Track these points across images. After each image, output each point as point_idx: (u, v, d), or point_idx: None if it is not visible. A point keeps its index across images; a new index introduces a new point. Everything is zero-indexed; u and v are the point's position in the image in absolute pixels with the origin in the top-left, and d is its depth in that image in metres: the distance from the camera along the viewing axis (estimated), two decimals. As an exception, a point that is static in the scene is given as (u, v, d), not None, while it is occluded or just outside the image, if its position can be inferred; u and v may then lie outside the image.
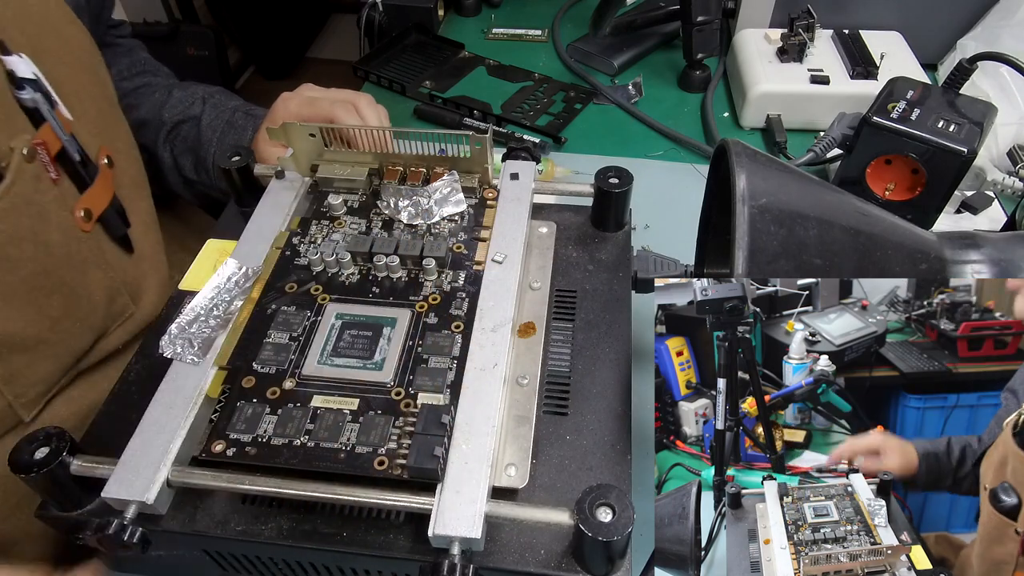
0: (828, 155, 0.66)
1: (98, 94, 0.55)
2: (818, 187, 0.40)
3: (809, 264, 0.35)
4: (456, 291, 0.43)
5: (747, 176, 0.36)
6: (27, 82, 0.45)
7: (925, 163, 0.57)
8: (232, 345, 0.41)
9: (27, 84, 0.45)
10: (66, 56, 0.51)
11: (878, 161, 0.60)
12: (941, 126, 0.56)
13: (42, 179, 0.45)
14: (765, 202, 0.36)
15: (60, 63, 0.50)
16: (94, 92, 0.55)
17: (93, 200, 0.50)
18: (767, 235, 0.35)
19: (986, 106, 0.58)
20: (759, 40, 0.83)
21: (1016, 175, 0.66)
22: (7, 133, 0.43)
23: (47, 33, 0.50)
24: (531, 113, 0.83)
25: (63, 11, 0.53)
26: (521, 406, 0.40)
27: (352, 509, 0.37)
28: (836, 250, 0.36)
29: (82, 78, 0.53)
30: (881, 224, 0.39)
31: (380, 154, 0.50)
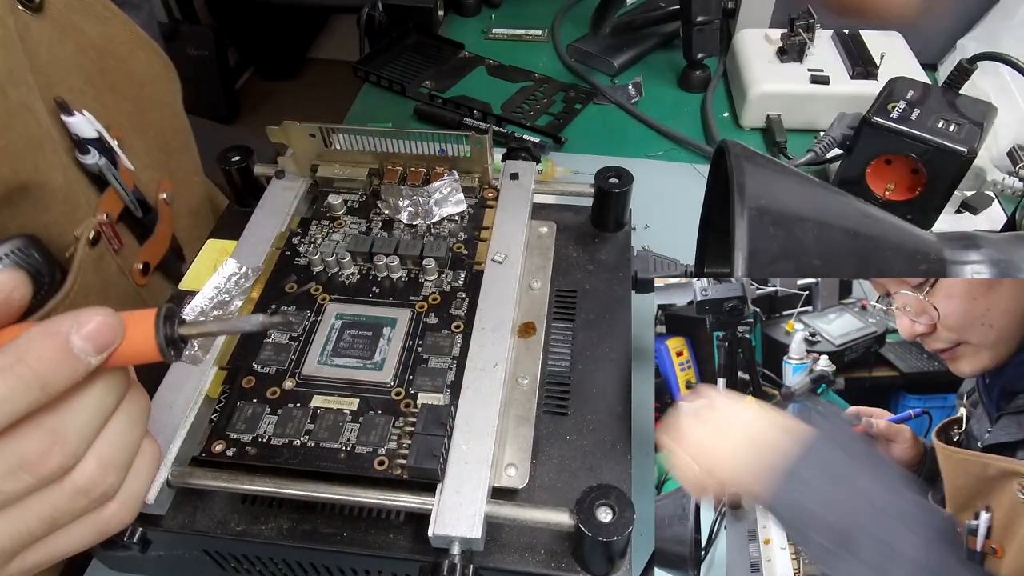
0: (828, 155, 0.66)
1: (163, 123, 0.52)
2: (818, 188, 0.40)
3: (809, 265, 0.36)
4: (456, 291, 0.43)
5: (746, 177, 0.36)
6: (91, 143, 0.41)
7: (925, 163, 0.57)
8: (232, 345, 0.41)
9: (91, 146, 0.41)
10: (131, 90, 0.48)
11: (878, 161, 0.60)
12: (941, 126, 0.56)
13: (104, 257, 0.43)
14: (764, 203, 0.36)
15: (122, 99, 0.47)
16: (159, 123, 0.52)
17: (152, 252, 0.48)
18: (766, 236, 0.35)
19: (986, 106, 0.58)
20: (759, 40, 0.83)
21: (1016, 175, 0.66)
22: (72, 219, 0.40)
23: (109, 69, 0.46)
24: (531, 113, 0.83)
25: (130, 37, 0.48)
26: (521, 406, 0.40)
27: (352, 509, 0.37)
28: (836, 251, 0.36)
29: (148, 111, 0.50)
30: (881, 225, 0.39)
31: (380, 154, 0.50)
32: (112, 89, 0.46)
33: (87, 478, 0.24)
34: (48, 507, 0.24)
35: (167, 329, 0.25)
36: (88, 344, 0.24)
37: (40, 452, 0.23)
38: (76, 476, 0.24)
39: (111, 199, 0.44)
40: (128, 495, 0.27)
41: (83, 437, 0.24)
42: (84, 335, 0.24)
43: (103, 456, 0.25)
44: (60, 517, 0.24)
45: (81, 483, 0.24)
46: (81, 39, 0.44)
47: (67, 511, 0.24)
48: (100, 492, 0.25)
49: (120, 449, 0.25)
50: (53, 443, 0.23)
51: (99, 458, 0.25)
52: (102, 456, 0.25)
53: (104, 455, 0.25)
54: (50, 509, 0.24)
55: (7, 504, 0.23)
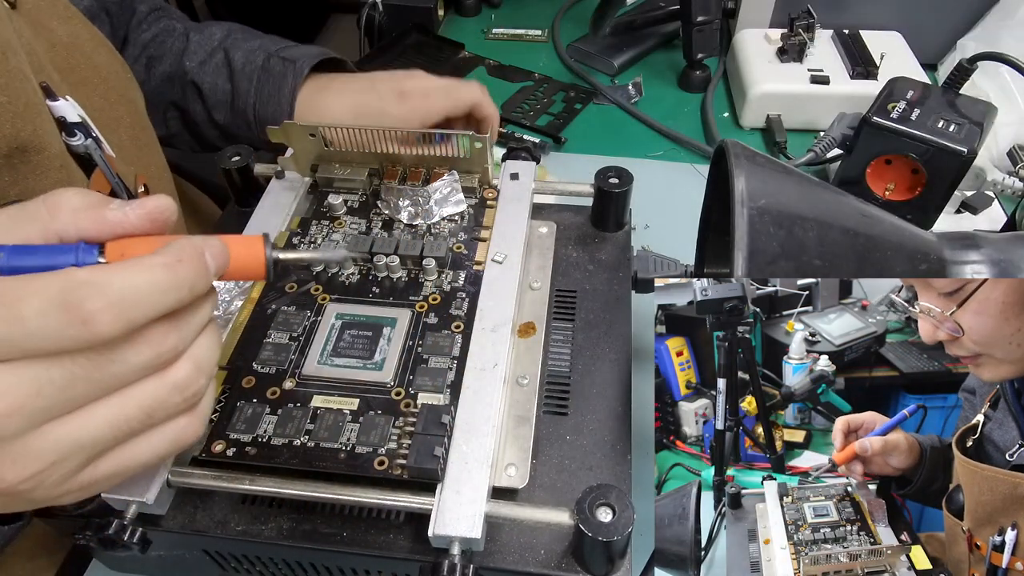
0: (828, 155, 0.66)
1: (132, 119, 0.54)
2: (818, 188, 0.40)
3: (809, 265, 0.36)
4: (456, 291, 0.43)
5: (746, 177, 0.36)
6: (76, 127, 0.43)
7: (925, 163, 0.57)
8: (232, 345, 0.41)
9: (77, 129, 0.43)
10: (100, 85, 0.50)
11: (878, 161, 0.60)
12: (941, 126, 0.56)
13: None
14: (764, 203, 0.36)
15: (95, 95, 0.49)
16: (128, 118, 0.54)
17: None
18: (766, 236, 0.35)
19: (986, 106, 0.58)
20: (759, 40, 0.83)
21: (1016, 175, 0.66)
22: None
23: (79, 65, 0.48)
24: (531, 113, 0.83)
25: (91, 35, 0.51)
26: (521, 406, 0.40)
27: (352, 509, 0.37)
28: (836, 251, 0.36)
29: (116, 106, 0.52)
30: (881, 225, 0.39)
31: (380, 154, 0.50)
32: (83, 84, 0.48)
33: (185, 374, 0.27)
34: (149, 396, 0.26)
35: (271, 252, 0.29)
36: (213, 263, 0.26)
37: (162, 332, 0.25)
38: (176, 370, 0.26)
39: (99, 180, 0.45)
40: (203, 409, 0.29)
41: (191, 331, 0.27)
42: (212, 254, 0.26)
43: (197, 358, 0.27)
44: (157, 410, 0.26)
45: (180, 378, 0.26)
46: (51, 36, 0.46)
47: (164, 404, 0.26)
48: (192, 392, 0.27)
49: (209, 357, 0.28)
50: (172, 328, 0.25)
51: (194, 359, 0.27)
52: (197, 358, 0.27)
53: (198, 358, 0.27)
54: (150, 399, 0.26)
55: (123, 381, 0.25)
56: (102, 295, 0.23)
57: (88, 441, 0.25)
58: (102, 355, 0.24)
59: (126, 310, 0.23)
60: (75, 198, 0.26)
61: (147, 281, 0.24)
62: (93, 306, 0.23)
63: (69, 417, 0.24)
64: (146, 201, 0.27)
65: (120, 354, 0.24)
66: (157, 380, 0.26)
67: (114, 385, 0.25)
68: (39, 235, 0.26)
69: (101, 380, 0.24)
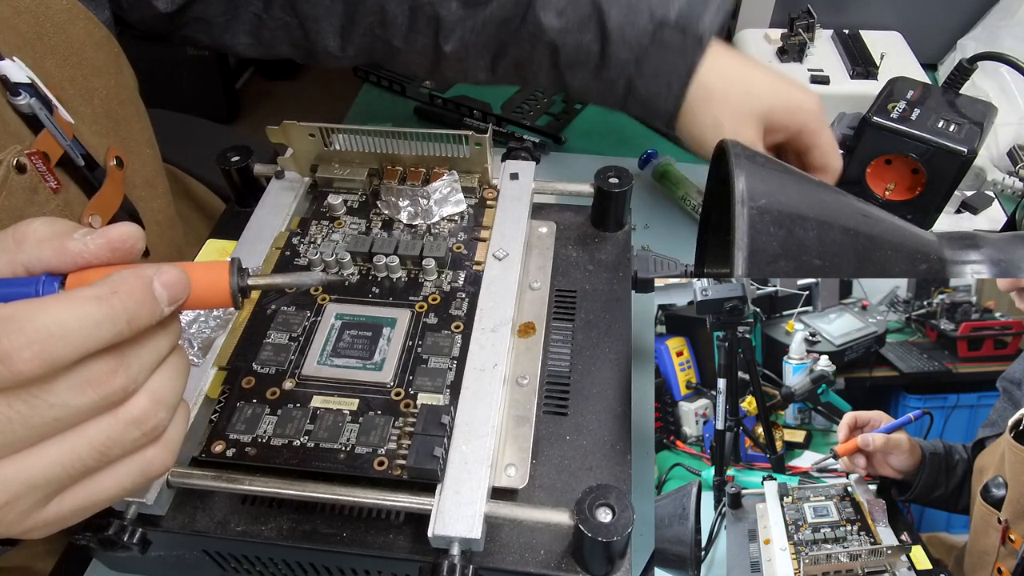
0: (828, 155, 0.65)
1: (109, 92, 0.54)
2: (818, 188, 0.40)
3: (809, 265, 0.35)
4: (456, 291, 0.43)
5: (746, 177, 0.36)
6: (22, 87, 0.44)
7: (925, 163, 0.56)
8: (232, 345, 0.40)
9: (22, 89, 0.44)
10: (71, 56, 0.50)
11: (878, 161, 0.60)
12: (941, 126, 0.56)
13: (39, 190, 0.44)
14: (764, 203, 0.36)
15: (63, 63, 0.49)
16: (104, 90, 0.54)
17: (102, 205, 0.49)
18: (766, 236, 0.35)
19: (986, 106, 0.58)
20: (759, 40, 0.83)
21: (1016, 175, 0.66)
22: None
23: (47, 33, 0.49)
24: (531, 113, 0.83)
25: (66, 5, 0.51)
26: (521, 406, 0.40)
27: (352, 509, 0.37)
28: (836, 251, 0.36)
29: (89, 77, 0.52)
30: (881, 224, 0.39)
31: (380, 154, 0.50)
32: (52, 53, 0.48)
33: (141, 409, 0.26)
34: (102, 435, 0.25)
35: (239, 279, 0.28)
36: (165, 292, 0.25)
37: (107, 371, 0.24)
38: (131, 407, 0.25)
39: (47, 140, 0.45)
40: (170, 439, 0.28)
41: (143, 368, 0.26)
42: (163, 283, 0.25)
43: (155, 392, 0.26)
44: (112, 447, 0.25)
45: (136, 414, 0.25)
46: (16, 3, 0.46)
47: (119, 441, 0.25)
48: (151, 426, 0.26)
49: (170, 390, 0.27)
50: (119, 365, 0.24)
51: (152, 394, 0.26)
52: (155, 392, 0.26)
53: (156, 392, 0.26)
54: (104, 437, 0.25)
55: (67, 423, 0.24)
56: (21, 332, 0.22)
57: (41, 480, 0.24)
58: (37, 397, 0.23)
59: (48, 348, 0.22)
60: (41, 228, 0.26)
61: (74, 316, 0.23)
62: (11, 344, 0.22)
63: (16, 457, 0.24)
64: (108, 230, 0.26)
65: (58, 396, 0.23)
66: (111, 418, 0.25)
67: (59, 427, 0.24)
68: (6, 267, 0.25)
69: (42, 422, 0.23)
